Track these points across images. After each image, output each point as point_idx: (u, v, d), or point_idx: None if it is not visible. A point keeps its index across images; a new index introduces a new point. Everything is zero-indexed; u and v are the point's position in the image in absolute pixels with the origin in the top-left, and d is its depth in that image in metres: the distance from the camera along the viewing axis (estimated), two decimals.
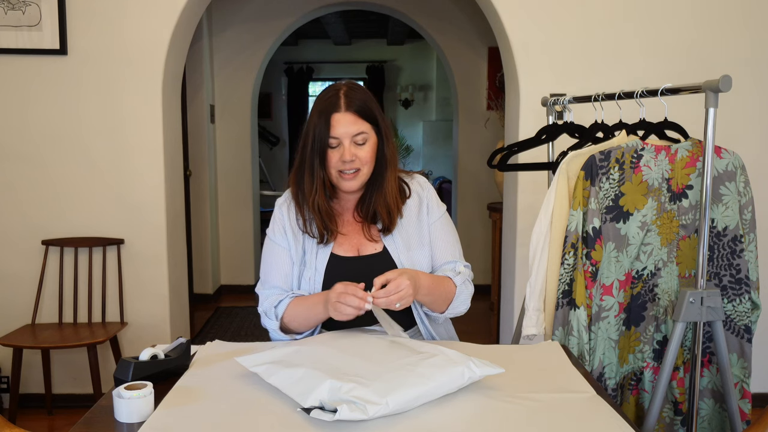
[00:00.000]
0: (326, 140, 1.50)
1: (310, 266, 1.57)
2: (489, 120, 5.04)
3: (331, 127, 1.49)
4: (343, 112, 1.49)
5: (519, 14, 2.94)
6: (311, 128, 1.52)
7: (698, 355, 1.72)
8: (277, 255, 1.60)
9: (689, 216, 1.76)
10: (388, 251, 1.58)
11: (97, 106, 2.94)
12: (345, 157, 1.50)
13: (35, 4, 2.84)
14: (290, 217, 1.60)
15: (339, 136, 1.49)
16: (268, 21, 4.93)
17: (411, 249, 1.59)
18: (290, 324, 1.55)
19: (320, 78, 8.64)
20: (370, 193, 1.59)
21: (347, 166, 1.51)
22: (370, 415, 1.06)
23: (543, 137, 2.21)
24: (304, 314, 1.52)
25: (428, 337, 1.61)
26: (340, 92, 1.51)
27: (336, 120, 1.49)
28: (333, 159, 1.52)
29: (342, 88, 1.53)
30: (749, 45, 2.94)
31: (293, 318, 1.53)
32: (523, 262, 3.02)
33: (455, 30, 4.97)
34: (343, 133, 1.49)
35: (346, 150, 1.50)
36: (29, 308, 2.99)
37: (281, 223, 1.61)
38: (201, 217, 4.78)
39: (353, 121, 1.50)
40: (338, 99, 1.50)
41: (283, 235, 1.60)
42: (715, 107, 1.57)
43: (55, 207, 2.97)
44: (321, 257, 1.57)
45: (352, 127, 1.50)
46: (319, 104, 1.53)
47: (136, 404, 1.14)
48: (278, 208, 1.63)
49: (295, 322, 1.54)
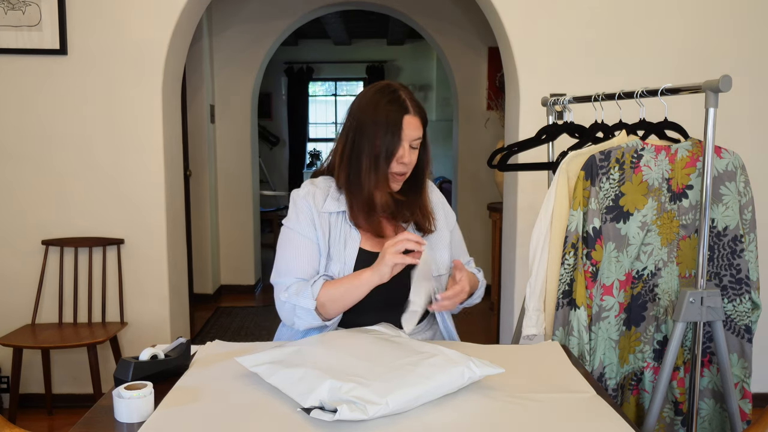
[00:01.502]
0: (397, 139, 1.51)
1: (339, 260, 1.56)
2: (489, 120, 5.04)
3: (403, 129, 1.51)
4: (413, 115, 1.53)
5: (519, 14, 2.94)
6: (378, 125, 1.51)
7: (698, 355, 1.72)
8: (302, 245, 1.56)
9: (689, 216, 1.76)
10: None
11: (97, 106, 2.94)
12: (405, 159, 1.53)
13: (35, 4, 2.84)
14: (318, 209, 1.58)
15: (405, 138, 1.52)
16: (268, 21, 4.93)
17: (434, 249, 1.63)
18: (327, 302, 1.50)
19: (320, 78, 8.64)
20: (409, 196, 1.62)
21: (402, 168, 1.55)
22: (370, 415, 1.06)
23: (543, 137, 2.21)
24: (345, 285, 1.49)
25: (444, 329, 1.66)
26: (406, 94, 1.54)
27: (407, 122, 1.52)
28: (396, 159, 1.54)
29: (403, 90, 1.55)
30: (749, 45, 2.94)
31: (331, 297, 1.49)
32: (523, 262, 3.02)
33: (455, 30, 4.97)
34: (409, 136, 1.53)
35: (406, 153, 1.53)
36: (29, 308, 2.99)
37: (309, 214, 1.57)
38: (201, 217, 4.78)
39: (418, 127, 1.54)
40: (407, 101, 1.53)
41: (311, 226, 1.57)
42: (715, 107, 1.57)
43: (55, 207, 2.97)
44: (350, 251, 1.57)
45: (416, 132, 1.54)
46: (386, 103, 1.52)
47: (136, 404, 1.13)
48: (303, 200, 1.59)
49: (334, 301, 1.49)
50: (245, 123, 5.06)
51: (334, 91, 8.87)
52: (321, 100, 8.94)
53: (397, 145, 1.52)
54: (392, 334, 1.45)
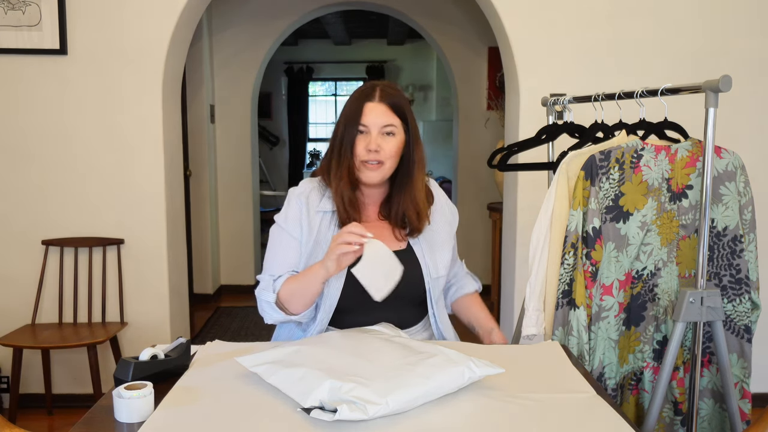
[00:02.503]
0: (356, 127, 1.53)
1: None
2: (489, 120, 5.04)
3: (362, 115, 1.53)
4: (376, 102, 1.54)
5: (519, 14, 2.94)
6: (343, 115, 1.56)
7: (698, 355, 1.72)
8: (286, 244, 1.58)
9: (689, 216, 1.76)
10: (413, 249, 1.62)
11: (97, 106, 2.94)
12: (370, 146, 1.52)
13: (35, 4, 2.84)
14: (309, 209, 1.58)
15: (368, 124, 1.53)
16: (268, 21, 4.93)
17: (434, 251, 1.63)
18: (288, 297, 1.51)
19: (320, 78, 8.64)
20: (398, 193, 1.60)
21: (371, 156, 1.53)
22: (370, 415, 1.06)
23: (543, 137, 2.21)
24: (300, 280, 1.49)
25: (437, 331, 1.65)
26: (377, 85, 1.57)
27: (369, 108, 1.53)
28: (359, 146, 1.53)
29: (380, 83, 1.58)
30: (749, 45, 2.94)
31: (290, 291, 1.50)
32: (523, 262, 3.02)
33: (455, 30, 4.97)
34: (373, 123, 1.53)
35: (372, 139, 1.52)
36: (29, 308, 2.99)
37: (297, 213, 1.58)
38: (201, 217, 4.78)
39: (384, 112, 1.53)
40: (374, 90, 1.55)
41: (298, 226, 1.58)
42: (715, 107, 1.57)
43: (55, 207, 2.97)
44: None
45: (382, 118, 1.53)
46: (354, 94, 1.58)
47: (136, 404, 1.13)
48: (296, 198, 1.60)
49: (293, 296, 1.50)
50: (245, 123, 5.06)
51: (334, 91, 8.87)
52: (321, 100, 8.94)
53: (355, 131, 1.53)
54: (392, 334, 1.45)
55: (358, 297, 1.49)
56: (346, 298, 1.54)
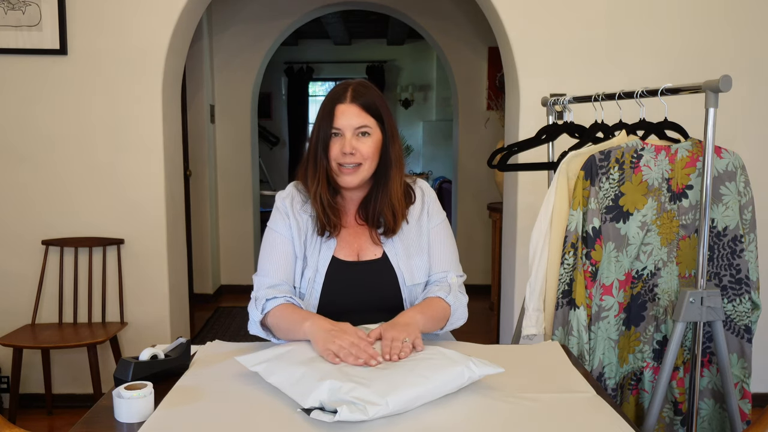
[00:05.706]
0: (329, 130, 1.51)
1: (311, 266, 1.55)
2: (489, 120, 5.04)
3: (334, 118, 1.50)
4: (348, 103, 1.51)
5: (519, 14, 2.94)
6: (317, 118, 1.55)
7: (698, 355, 1.72)
8: (278, 243, 1.56)
9: (689, 216, 1.76)
10: (388, 257, 1.57)
11: (97, 106, 2.94)
12: (345, 149, 1.50)
13: (35, 4, 2.84)
14: (294, 210, 1.58)
15: (341, 127, 1.50)
16: (268, 21, 4.93)
17: (410, 257, 1.57)
18: (273, 327, 1.48)
19: (320, 78, 8.64)
20: (375, 193, 1.57)
21: (347, 159, 1.51)
22: (371, 415, 1.06)
23: (543, 137, 2.21)
24: (286, 326, 1.45)
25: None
26: (349, 86, 1.54)
27: (340, 111, 1.51)
28: (334, 150, 1.52)
29: (352, 83, 1.55)
30: (749, 45, 2.93)
31: (276, 325, 1.47)
32: (523, 262, 3.02)
33: (455, 30, 4.97)
34: (346, 125, 1.50)
35: (347, 142, 1.50)
36: (29, 308, 2.99)
37: (284, 213, 1.58)
38: (201, 217, 4.78)
39: (357, 114, 1.51)
40: (345, 92, 1.52)
41: (287, 226, 1.57)
42: (715, 107, 1.57)
43: (55, 207, 2.97)
44: (323, 259, 1.55)
45: (355, 120, 1.50)
46: (327, 96, 1.55)
47: (136, 404, 1.13)
48: (281, 200, 1.61)
49: (278, 329, 1.47)
50: (245, 123, 5.06)
51: None
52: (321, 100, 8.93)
53: (329, 133, 1.51)
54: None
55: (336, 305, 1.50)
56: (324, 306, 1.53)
